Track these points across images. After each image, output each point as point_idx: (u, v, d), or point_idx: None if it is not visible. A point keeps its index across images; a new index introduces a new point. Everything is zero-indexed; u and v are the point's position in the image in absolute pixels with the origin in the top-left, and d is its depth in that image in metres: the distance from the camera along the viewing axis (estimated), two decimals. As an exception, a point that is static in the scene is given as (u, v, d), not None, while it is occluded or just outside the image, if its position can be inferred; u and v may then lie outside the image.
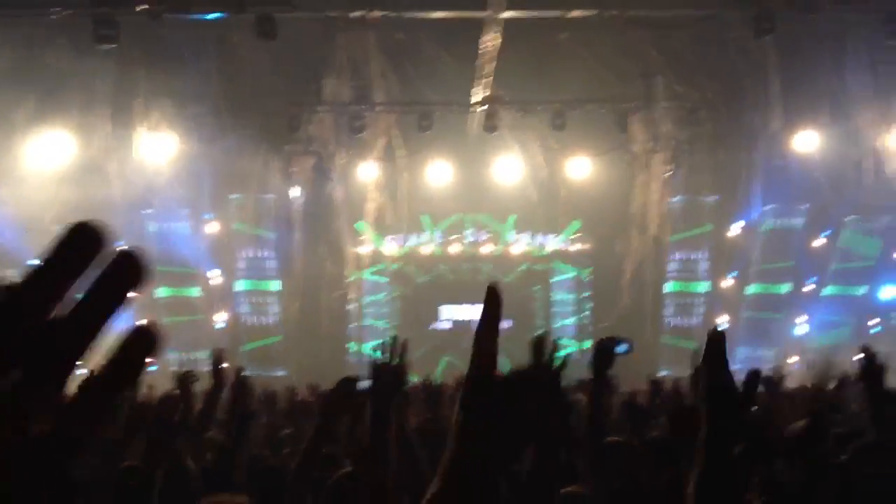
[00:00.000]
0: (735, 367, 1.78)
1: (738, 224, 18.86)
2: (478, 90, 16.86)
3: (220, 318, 18.41)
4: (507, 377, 1.07)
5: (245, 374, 5.38)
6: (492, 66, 16.06)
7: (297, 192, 18.88)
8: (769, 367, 8.97)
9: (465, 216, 19.44)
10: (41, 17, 14.51)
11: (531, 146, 18.24)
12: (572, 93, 16.95)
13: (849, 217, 18.13)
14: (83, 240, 0.52)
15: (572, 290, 19.87)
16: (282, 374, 16.65)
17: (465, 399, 1.07)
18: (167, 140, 16.62)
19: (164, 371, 8.23)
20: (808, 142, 17.35)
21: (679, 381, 9.09)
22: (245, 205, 18.72)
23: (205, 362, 8.95)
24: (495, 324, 1.07)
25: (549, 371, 2.64)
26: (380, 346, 2.99)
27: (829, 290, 18.43)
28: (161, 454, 3.35)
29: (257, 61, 15.61)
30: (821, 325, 18.00)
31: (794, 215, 18.76)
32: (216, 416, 5.01)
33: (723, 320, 18.55)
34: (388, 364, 2.90)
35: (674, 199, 18.91)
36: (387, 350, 2.94)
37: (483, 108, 17.22)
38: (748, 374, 1.89)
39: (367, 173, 18.58)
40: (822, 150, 17.28)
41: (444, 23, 15.64)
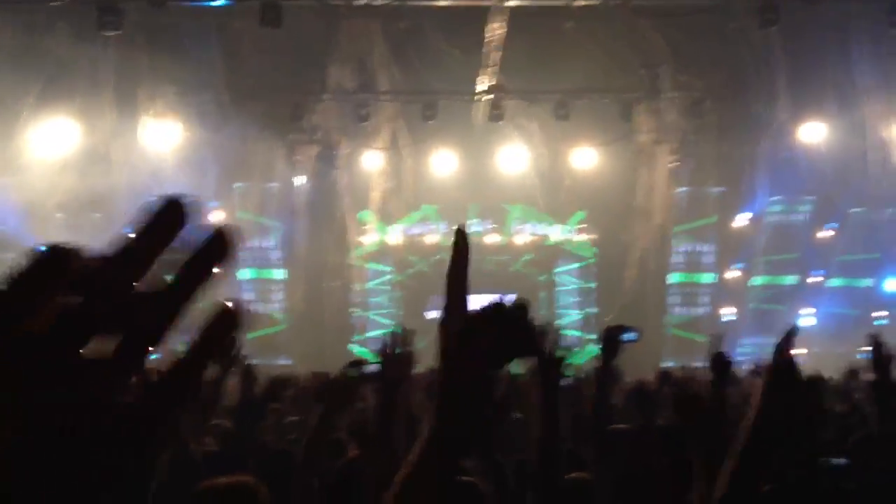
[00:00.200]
0: (738, 357, 1.81)
1: (744, 215, 18.82)
2: (483, 79, 16.81)
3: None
4: (478, 312, 1.12)
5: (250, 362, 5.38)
6: (497, 55, 16.00)
7: (301, 180, 18.85)
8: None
9: (470, 205, 19.41)
10: (44, 4, 14.48)
11: (536, 136, 18.20)
12: (577, 82, 16.90)
13: (855, 209, 18.09)
14: (173, 214, 0.52)
15: (577, 280, 19.85)
16: (286, 362, 16.66)
17: (442, 344, 1.13)
18: (171, 128, 16.60)
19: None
20: (814, 133, 17.31)
21: (687, 368, 9.07)
22: (249, 193, 18.68)
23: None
24: (464, 265, 1.14)
25: (553, 361, 2.63)
26: (387, 335, 3.01)
27: (834, 282, 18.41)
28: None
29: (262, 49, 15.58)
30: (826, 317, 17.98)
31: (800, 206, 18.72)
32: (222, 404, 5.02)
33: (728, 311, 18.54)
34: (396, 351, 2.91)
35: (679, 189, 18.86)
36: (393, 339, 2.95)
37: (488, 97, 17.18)
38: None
39: (371, 162, 18.56)
40: (829, 141, 17.24)
41: (449, 11, 15.60)
